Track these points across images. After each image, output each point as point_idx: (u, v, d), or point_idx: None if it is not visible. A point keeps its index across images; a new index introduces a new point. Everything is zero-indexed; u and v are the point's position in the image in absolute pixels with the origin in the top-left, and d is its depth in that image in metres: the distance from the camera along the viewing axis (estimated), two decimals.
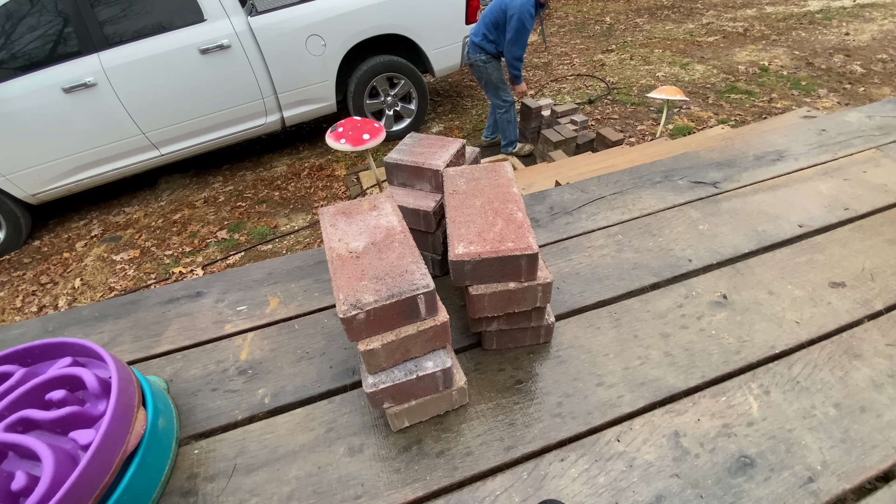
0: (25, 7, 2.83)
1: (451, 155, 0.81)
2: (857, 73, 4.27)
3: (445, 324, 0.57)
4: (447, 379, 0.60)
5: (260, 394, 0.70)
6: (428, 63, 3.84)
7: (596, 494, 0.55)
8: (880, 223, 0.92)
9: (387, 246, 0.59)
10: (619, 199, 1.06)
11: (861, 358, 0.68)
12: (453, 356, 0.62)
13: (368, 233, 0.62)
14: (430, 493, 0.57)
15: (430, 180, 0.79)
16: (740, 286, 0.81)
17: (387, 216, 0.64)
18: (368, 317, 0.53)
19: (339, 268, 0.58)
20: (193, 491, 0.59)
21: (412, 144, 0.85)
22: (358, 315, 0.52)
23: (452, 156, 0.81)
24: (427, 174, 0.79)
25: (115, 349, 0.81)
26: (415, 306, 0.54)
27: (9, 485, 0.49)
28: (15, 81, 2.90)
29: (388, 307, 0.53)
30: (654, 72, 4.80)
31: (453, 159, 0.81)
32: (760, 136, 1.26)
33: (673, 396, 0.65)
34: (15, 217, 3.32)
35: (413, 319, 0.55)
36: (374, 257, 0.58)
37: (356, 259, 0.58)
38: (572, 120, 3.35)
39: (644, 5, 7.30)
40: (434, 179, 0.78)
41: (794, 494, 0.54)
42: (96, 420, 0.57)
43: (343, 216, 0.65)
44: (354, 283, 0.55)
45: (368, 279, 0.55)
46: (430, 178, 0.79)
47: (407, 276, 0.54)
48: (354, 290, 0.54)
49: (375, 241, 0.60)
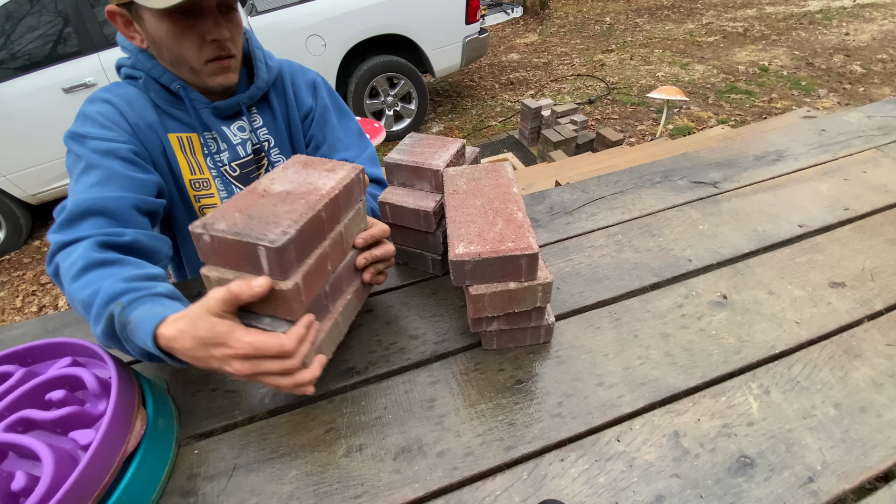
0: (25, 7, 2.83)
1: (451, 155, 0.81)
2: (857, 73, 4.28)
3: (287, 292, 0.53)
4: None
5: (260, 394, 0.70)
6: (428, 63, 3.84)
7: (596, 494, 0.55)
8: (880, 223, 0.92)
9: (293, 199, 0.56)
10: (619, 199, 1.06)
11: (861, 358, 0.68)
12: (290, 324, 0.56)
13: (298, 183, 0.60)
14: (430, 493, 0.57)
15: (430, 180, 0.79)
16: (740, 286, 0.81)
17: (330, 178, 0.61)
18: (213, 242, 0.52)
19: (240, 196, 0.58)
20: (193, 491, 0.59)
21: (412, 145, 0.85)
22: (203, 235, 0.52)
23: (452, 156, 0.81)
24: (427, 174, 0.79)
25: None
26: (253, 256, 0.51)
27: (9, 485, 0.49)
28: (15, 81, 2.90)
29: (231, 242, 0.51)
30: (654, 72, 4.81)
31: (453, 159, 0.81)
32: (760, 136, 1.26)
33: (673, 396, 0.65)
34: (15, 217, 3.32)
35: (255, 268, 0.52)
36: (274, 201, 0.56)
37: (260, 196, 0.57)
38: (572, 120, 3.35)
39: (644, 5, 7.30)
40: (434, 179, 0.78)
41: (794, 494, 0.54)
42: (96, 420, 0.57)
43: (301, 165, 0.64)
44: (231, 210, 0.55)
45: (243, 213, 0.54)
46: (430, 178, 0.79)
47: (267, 227, 0.51)
48: (222, 215, 0.54)
49: (292, 191, 0.58)
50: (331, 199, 0.58)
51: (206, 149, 0.88)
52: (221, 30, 0.77)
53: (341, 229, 0.62)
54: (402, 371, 0.72)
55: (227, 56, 0.81)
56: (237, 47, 0.84)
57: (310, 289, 0.56)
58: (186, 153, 0.87)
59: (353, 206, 0.65)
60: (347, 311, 0.67)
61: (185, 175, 0.88)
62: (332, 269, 0.62)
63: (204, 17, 0.76)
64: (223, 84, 0.84)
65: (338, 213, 0.61)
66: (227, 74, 0.83)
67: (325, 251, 0.59)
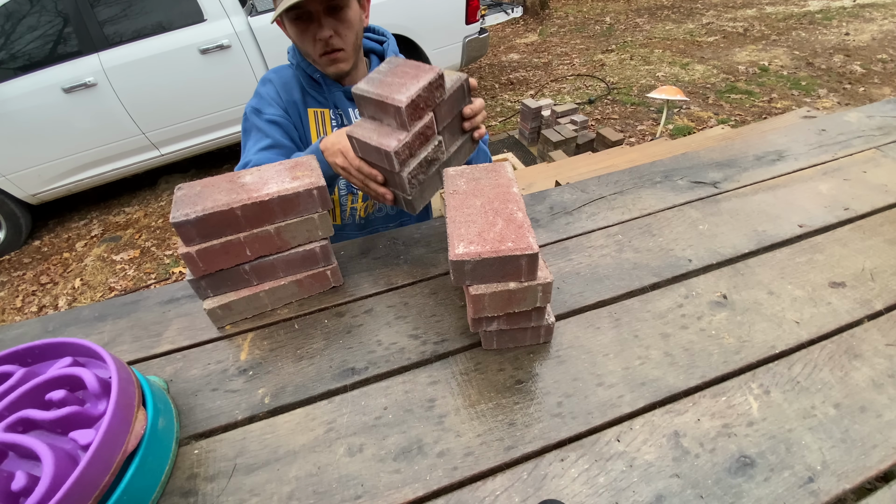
0: (25, 7, 2.83)
1: (419, 88, 0.70)
2: (857, 73, 4.27)
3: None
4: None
5: (260, 394, 0.70)
6: (428, 63, 3.83)
7: (596, 494, 0.55)
8: (880, 223, 0.92)
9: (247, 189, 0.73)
10: (619, 199, 1.06)
11: (861, 358, 0.68)
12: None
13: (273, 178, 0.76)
14: (430, 493, 0.57)
15: (394, 116, 0.72)
16: (740, 286, 0.81)
17: (273, 184, 0.74)
18: (197, 223, 0.69)
19: (216, 181, 0.75)
20: (193, 491, 0.59)
21: (386, 72, 0.76)
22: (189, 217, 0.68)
23: (422, 89, 0.70)
24: (391, 110, 0.71)
25: (115, 349, 0.81)
26: (188, 231, 0.70)
27: (9, 485, 0.49)
28: (15, 81, 2.89)
29: (210, 216, 0.69)
30: (654, 72, 4.81)
31: (423, 93, 0.71)
32: (760, 136, 1.26)
33: (673, 396, 0.65)
34: (15, 217, 3.32)
35: (190, 241, 0.71)
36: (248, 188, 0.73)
37: (233, 182, 0.75)
38: (572, 120, 3.35)
39: (644, 5, 7.30)
40: (398, 116, 0.71)
41: (794, 494, 0.54)
42: (96, 420, 0.57)
43: (288, 170, 0.78)
44: (214, 192, 0.73)
45: (228, 195, 0.72)
46: (393, 114, 0.71)
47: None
48: (203, 200, 0.71)
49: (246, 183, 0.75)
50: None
51: (334, 122, 1.10)
52: (324, 31, 0.96)
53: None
54: (402, 371, 0.72)
55: (333, 50, 1.00)
56: (345, 41, 1.00)
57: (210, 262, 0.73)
58: (319, 125, 1.10)
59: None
60: (279, 293, 0.83)
61: (314, 140, 1.10)
62: (251, 255, 0.77)
63: (314, 21, 0.96)
64: (335, 72, 1.04)
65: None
66: (338, 65, 1.03)
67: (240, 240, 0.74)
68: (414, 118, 0.70)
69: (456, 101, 0.75)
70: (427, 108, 0.71)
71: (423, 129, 0.72)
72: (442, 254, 0.95)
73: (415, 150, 0.72)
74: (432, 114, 0.72)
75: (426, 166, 0.75)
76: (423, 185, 0.77)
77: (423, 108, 0.71)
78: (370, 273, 0.92)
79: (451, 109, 0.75)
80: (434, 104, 0.72)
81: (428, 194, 0.78)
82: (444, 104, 0.73)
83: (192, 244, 0.70)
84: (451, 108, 0.76)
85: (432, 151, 0.74)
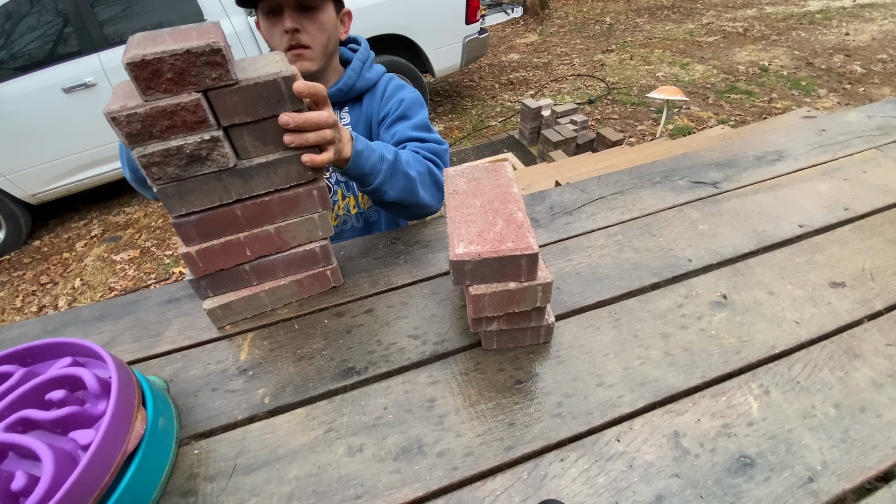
0: (25, 7, 2.83)
1: (170, 52, 0.54)
2: (857, 73, 4.27)
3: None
4: None
5: (260, 394, 0.70)
6: (428, 63, 3.84)
7: (596, 494, 0.55)
8: (880, 223, 0.92)
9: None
10: (619, 199, 1.06)
11: (861, 358, 0.68)
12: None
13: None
14: (430, 493, 0.57)
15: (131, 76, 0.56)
16: (740, 286, 0.81)
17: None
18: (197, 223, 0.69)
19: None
20: (193, 491, 0.59)
21: (182, 30, 0.59)
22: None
23: (175, 55, 0.54)
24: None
25: (115, 349, 0.81)
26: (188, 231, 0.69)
27: (9, 485, 0.49)
28: (15, 81, 2.89)
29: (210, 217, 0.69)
30: (654, 72, 4.81)
31: (177, 62, 0.54)
32: (760, 136, 1.26)
33: (673, 396, 0.65)
34: (15, 217, 3.32)
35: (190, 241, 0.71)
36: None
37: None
38: (572, 120, 3.35)
39: (644, 5, 7.30)
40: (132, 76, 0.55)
41: (794, 494, 0.54)
42: (96, 420, 0.57)
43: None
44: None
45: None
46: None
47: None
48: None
49: None
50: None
51: None
52: (287, 22, 0.94)
53: None
54: (402, 371, 0.72)
55: (299, 46, 0.97)
56: (313, 41, 0.98)
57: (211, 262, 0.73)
58: None
59: None
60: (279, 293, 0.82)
61: None
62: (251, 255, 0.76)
63: (283, 15, 0.95)
64: (300, 70, 0.95)
65: None
66: (303, 62, 0.99)
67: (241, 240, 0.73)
68: (154, 88, 0.55)
69: (263, 98, 0.60)
70: (187, 84, 0.56)
71: (177, 109, 0.56)
72: (442, 254, 0.95)
73: (158, 133, 0.57)
74: (203, 97, 0.57)
75: (185, 161, 0.60)
76: (187, 187, 0.62)
77: (174, 81, 0.55)
78: (370, 273, 0.92)
79: (254, 107, 0.60)
80: (206, 85, 0.57)
81: (198, 200, 0.64)
82: (233, 94, 0.58)
83: (192, 244, 0.69)
84: (251, 105, 0.60)
85: (197, 145, 0.58)
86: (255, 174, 0.65)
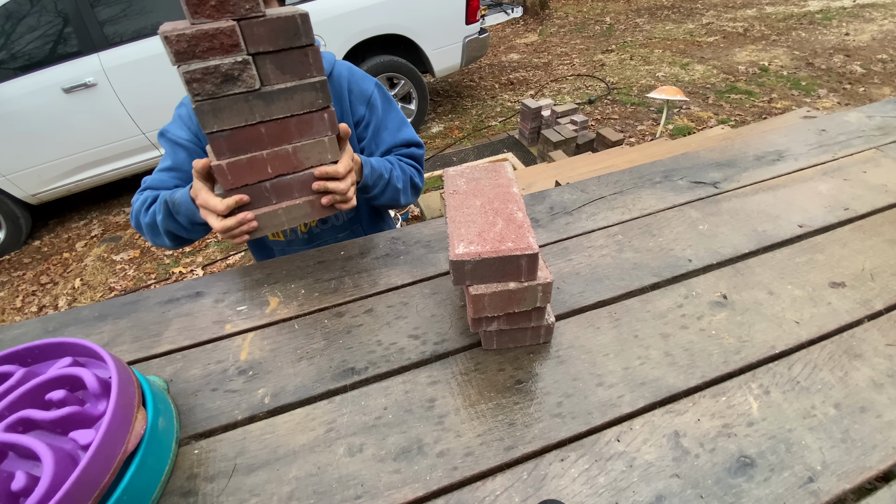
0: (25, 7, 2.83)
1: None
2: (857, 73, 4.28)
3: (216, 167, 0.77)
4: None
5: (260, 394, 0.70)
6: (428, 63, 3.84)
7: (596, 494, 0.55)
8: (880, 223, 0.92)
9: None
10: (619, 199, 1.06)
11: (861, 358, 0.68)
12: None
13: None
14: (430, 493, 0.57)
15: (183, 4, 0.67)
16: (740, 286, 0.81)
17: None
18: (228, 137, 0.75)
19: None
20: (193, 491, 0.59)
21: None
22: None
23: None
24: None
25: (115, 349, 0.81)
26: (220, 145, 0.76)
27: (9, 485, 0.49)
28: (15, 81, 2.89)
29: (238, 132, 0.76)
30: (654, 72, 4.81)
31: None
32: (760, 136, 1.26)
33: (673, 396, 0.65)
34: (15, 217, 3.32)
35: (221, 155, 0.77)
36: None
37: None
38: (572, 120, 3.35)
39: (644, 5, 7.30)
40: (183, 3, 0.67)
41: (794, 494, 0.54)
42: (96, 420, 0.57)
43: None
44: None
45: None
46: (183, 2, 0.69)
47: None
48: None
49: None
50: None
51: None
52: None
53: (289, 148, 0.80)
54: (402, 371, 0.72)
55: None
56: None
57: (238, 176, 0.78)
58: None
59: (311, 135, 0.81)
60: (294, 212, 0.87)
61: None
62: (272, 172, 0.81)
63: None
64: None
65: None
66: None
67: (263, 156, 0.78)
68: (199, 12, 0.66)
69: (283, 31, 0.70)
70: (224, 12, 0.67)
71: (216, 33, 0.67)
72: (442, 254, 0.95)
73: (201, 52, 0.67)
74: (235, 24, 0.67)
75: (220, 79, 0.70)
76: (220, 105, 0.72)
77: (216, 8, 0.66)
78: (370, 273, 0.92)
79: (275, 38, 0.71)
80: (239, 14, 0.67)
81: (228, 119, 0.73)
82: (259, 24, 0.69)
83: (222, 157, 0.76)
84: (272, 37, 0.70)
85: (231, 65, 0.69)
86: (276, 98, 0.75)
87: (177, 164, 1.02)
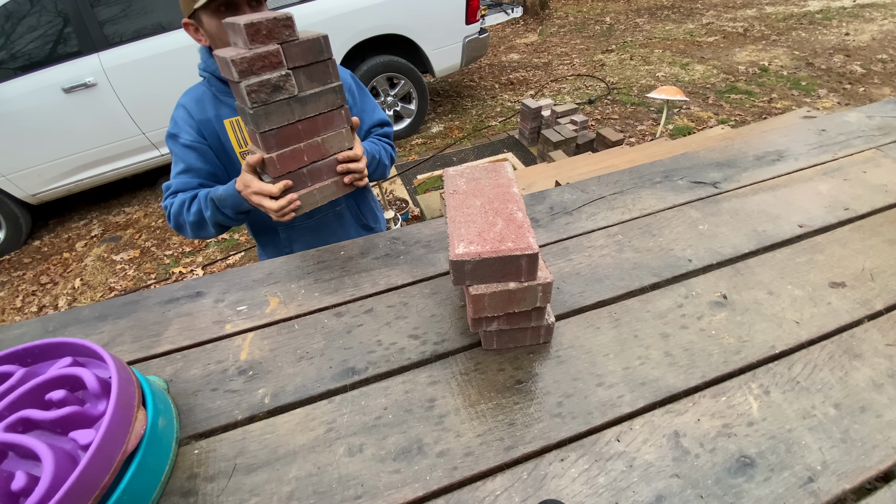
0: (25, 7, 2.83)
1: (263, 17, 0.82)
2: (857, 73, 4.27)
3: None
4: None
5: (260, 394, 0.70)
6: (428, 63, 3.83)
7: (596, 494, 0.55)
8: (880, 223, 0.92)
9: None
10: (619, 199, 1.06)
11: (861, 358, 0.68)
12: None
13: None
14: (430, 493, 0.57)
15: (240, 35, 0.83)
16: (740, 286, 0.81)
17: None
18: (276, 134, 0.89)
19: None
20: (193, 491, 0.59)
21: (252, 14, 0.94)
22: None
23: (266, 19, 0.82)
24: (239, 30, 0.83)
25: (115, 349, 0.81)
26: (269, 141, 0.90)
27: (9, 485, 0.49)
28: (15, 81, 2.89)
29: (250, 132, 0.92)
30: (654, 72, 4.81)
31: (267, 23, 0.82)
32: (760, 136, 1.26)
33: (673, 396, 0.65)
34: (15, 217, 3.32)
35: (270, 149, 0.91)
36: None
37: None
38: (572, 120, 3.35)
39: (644, 5, 7.30)
40: (242, 35, 0.82)
41: (794, 494, 0.54)
42: (96, 420, 0.57)
43: None
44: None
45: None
46: (240, 32, 0.83)
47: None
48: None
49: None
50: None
51: None
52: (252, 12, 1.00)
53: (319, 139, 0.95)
54: (402, 371, 0.72)
55: None
56: None
57: (284, 165, 0.92)
58: (237, 132, 1.13)
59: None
60: (325, 191, 1.01)
61: (236, 150, 1.14)
62: (307, 160, 0.95)
63: (239, 11, 0.99)
64: None
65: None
66: None
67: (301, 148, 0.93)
68: (255, 40, 0.82)
69: (310, 50, 0.88)
70: (271, 39, 0.83)
71: (267, 54, 0.83)
72: (442, 254, 0.95)
73: (256, 69, 0.83)
74: (279, 46, 0.84)
75: (270, 89, 0.85)
76: (270, 110, 0.87)
77: (266, 36, 0.82)
78: (370, 273, 0.92)
79: (305, 56, 0.87)
80: (282, 39, 0.84)
81: (276, 120, 0.89)
82: (294, 46, 0.85)
83: (271, 151, 0.90)
84: (304, 54, 0.87)
85: (278, 78, 0.85)
86: (308, 101, 0.91)
87: (190, 165, 1.09)
